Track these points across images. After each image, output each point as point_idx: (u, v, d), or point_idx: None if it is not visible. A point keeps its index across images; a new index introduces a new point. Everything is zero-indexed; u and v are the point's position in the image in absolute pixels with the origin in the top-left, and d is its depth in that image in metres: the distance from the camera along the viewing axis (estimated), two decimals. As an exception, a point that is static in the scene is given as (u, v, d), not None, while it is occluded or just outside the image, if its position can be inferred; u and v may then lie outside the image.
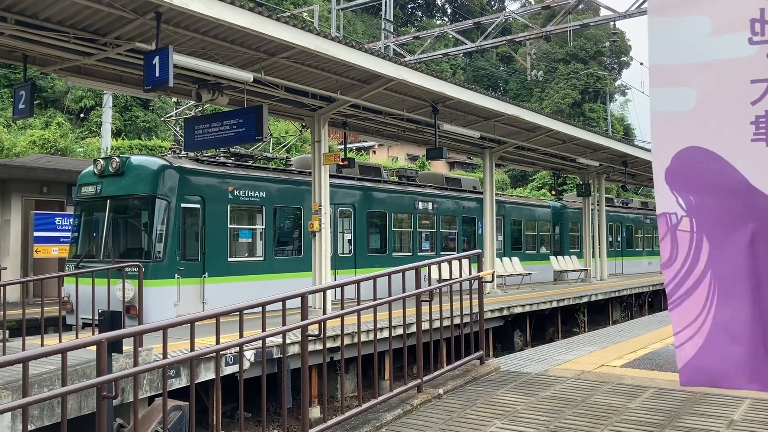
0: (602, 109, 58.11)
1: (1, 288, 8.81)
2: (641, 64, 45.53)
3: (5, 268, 10.14)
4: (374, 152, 47.24)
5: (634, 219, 31.91)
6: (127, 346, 6.77)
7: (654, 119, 3.02)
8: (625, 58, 64.73)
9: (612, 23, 24.38)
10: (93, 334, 7.53)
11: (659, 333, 10.56)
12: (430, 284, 6.57)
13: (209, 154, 15.67)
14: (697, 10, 2.93)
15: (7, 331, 9.08)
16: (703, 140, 2.90)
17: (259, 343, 4.77)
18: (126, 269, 9.22)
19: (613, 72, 63.08)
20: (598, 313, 20.16)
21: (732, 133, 2.83)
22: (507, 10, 24.30)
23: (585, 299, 18.73)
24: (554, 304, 17.23)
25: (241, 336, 4.54)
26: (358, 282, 5.60)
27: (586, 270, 24.48)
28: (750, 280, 2.84)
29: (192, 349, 4.32)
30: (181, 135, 16.55)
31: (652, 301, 23.90)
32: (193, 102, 16.05)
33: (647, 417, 5.39)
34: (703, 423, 5.21)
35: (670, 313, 3.02)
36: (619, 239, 30.39)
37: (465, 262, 7.96)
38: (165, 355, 4.22)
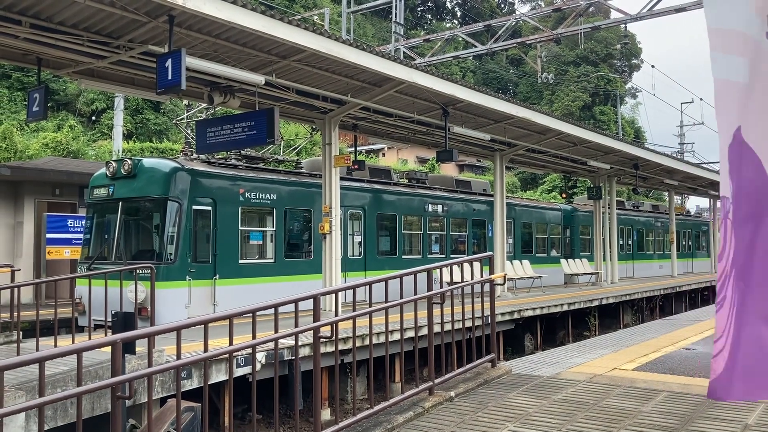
0: (613, 111, 57.89)
1: (15, 289, 8.89)
2: (652, 66, 45.23)
3: (18, 270, 10.20)
4: (384, 155, 47.26)
5: (645, 222, 31.75)
6: (139, 347, 6.81)
7: (717, 87, 2.71)
8: (635, 61, 64.49)
9: (623, 26, 24.30)
10: (105, 335, 7.57)
11: (672, 336, 10.50)
12: (441, 287, 6.56)
13: (220, 156, 15.73)
14: None
15: (21, 332, 9.14)
16: (748, 128, 2.65)
17: (271, 345, 4.78)
18: (138, 271, 9.28)
19: (623, 75, 62.85)
20: (609, 316, 20.07)
21: (763, 123, 2.63)
22: (517, 12, 24.27)
23: (596, 303, 18.65)
24: (565, 308, 17.17)
25: (253, 337, 4.56)
26: (369, 284, 5.60)
27: (597, 273, 24.38)
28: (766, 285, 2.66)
29: (205, 350, 4.34)
30: (192, 137, 16.64)
31: (663, 304, 23.77)
32: (204, 104, 16.12)
33: (660, 421, 5.36)
34: (717, 427, 5.18)
35: (716, 316, 2.75)
36: (630, 242, 30.26)
37: (476, 264, 7.95)
38: (179, 356, 4.23)
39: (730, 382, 2.66)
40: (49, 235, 16.82)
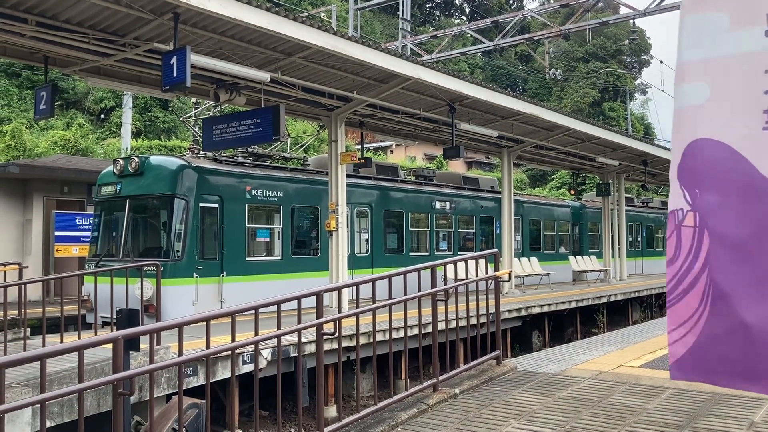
0: (622, 108, 57.61)
1: (23, 286, 8.94)
2: (661, 62, 45.18)
3: (26, 267, 10.27)
4: (391, 152, 47.23)
5: (654, 219, 31.59)
6: (145, 344, 6.82)
7: (674, 117, 2.99)
8: (645, 57, 64.09)
9: (631, 21, 24.18)
10: (111, 332, 7.60)
11: (679, 333, 10.42)
12: (446, 284, 6.54)
13: (227, 154, 15.76)
14: (718, 7, 2.91)
15: (29, 329, 9.20)
16: (712, 131, 2.86)
17: (274, 342, 4.79)
18: (145, 268, 9.31)
19: (633, 71, 62.52)
20: (618, 313, 19.99)
21: (743, 123, 2.79)
22: (525, 8, 24.20)
23: (604, 300, 18.58)
24: (573, 305, 17.11)
25: (256, 334, 4.56)
26: (373, 281, 5.59)
27: (606, 270, 24.28)
28: (751, 275, 2.78)
29: (207, 346, 4.34)
30: (199, 135, 16.66)
31: (673, 301, 23.60)
32: (211, 102, 16.15)
33: (665, 418, 5.33)
34: (723, 424, 5.14)
35: (667, 312, 2.99)
36: (639, 239, 30.11)
37: (482, 261, 7.92)
38: (181, 353, 4.24)
39: (696, 364, 2.92)
40: (57, 233, 16.91)
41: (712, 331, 2.85)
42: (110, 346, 3.86)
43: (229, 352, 4.38)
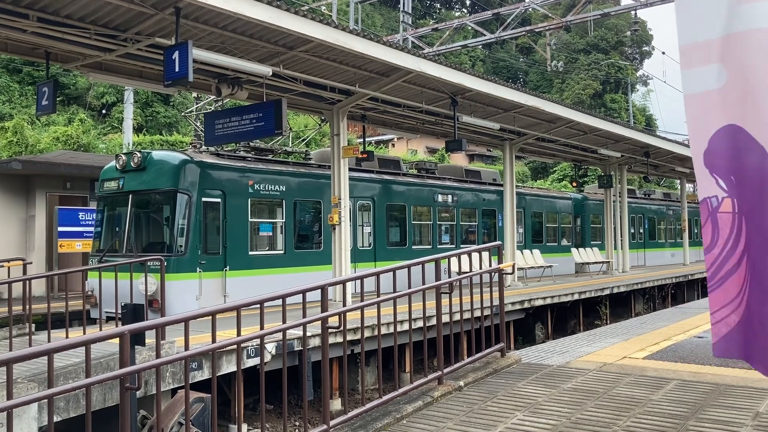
0: (624, 99, 57.47)
1: (27, 282, 8.96)
2: (663, 53, 45.07)
3: (30, 263, 10.28)
4: (393, 145, 47.19)
5: (656, 210, 31.56)
6: (150, 339, 6.85)
7: (687, 103, 2.93)
8: (646, 48, 63.92)
9: (633, 12, 24.10)
10: (116, 327, 7.62)
11: (682, 325, 10.45)
12: (450, 277, 6.55)
13: (230, 148, 15.75)
14: None
15: (33, 325, 9.22)
16: (737, 118, 2.80)
17: (279, 336, 4.80)
18: (148, 263, 9.32)
19: (634, 62, 62.36)
20: (621, 305, 20.00)
21: (762, 110, 2.73)
22: (526, 0, 24.10)
23: (607, 291, 18.59)
24: (576, 297, 17.12)
25: (261, 328, 4.57)
26: (377, 274, 5.59)
27: (608, 262, 24.28)
28: None
29: (213, 340, 4.35)
30: (201, 130, 16.66)
31: (675, 293, 23.65)
32: (213, 97, 16.14)
33: (670, 409, 5.34)
34: (728, 415, 5.15)
35: (709, 295, 3.00)
36: (641, 231, 30.09)
37: (485, 254, 7.93)
38: (187, 347, 4.25)
39: (739, 342, 2.96)
40: (60, 229, 16.93)
41: (753, 311, 2.87)
42: (116, 341, 3.87)
43: (235, 347, 4.38)
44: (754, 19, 2.71)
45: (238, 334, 4.44)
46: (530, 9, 25.38)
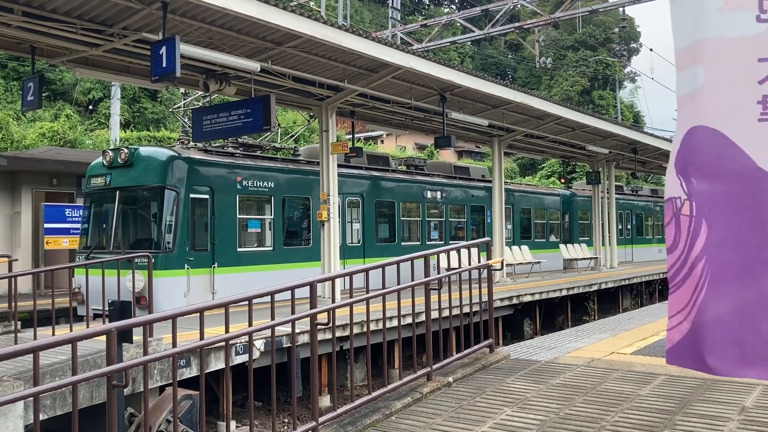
0: (611, 96, 57.72)
1: (13, 279, 8.88)
2: (651, 50, 45.13)
3: (16, 260, 10.19)
4: (382, 141, 47.12)
5: (644, 206, 31.74)
6: (138, 336, 6.80)
7: (680, 104, 2.97)
8: (634, 45, 64.20)
9: (621, 9, 24.17)
10: (104, 324, 7.57)
11: (670, 320, 10.49)
12: (439, 273, 6.55)
13: (218, 144, 15.67)
14: None
15: (19, 322, 9.14)
16: (707, 119, 2.84)
17: (268, 332, 4.78)
18: (136, 260, 9.26)
19: (622, 59, 62.62)
20: (609, 301, 20.10)
21: (739, 113, 2.77)
22: (515, -3, 24.08)
23: (595, 287, 18.68)
24: (564, 293, 17.19)
25: (250, 325, 4.54)
26: (366, 270, 5.59)
27: (596, 258, 24.40)
28: (746, 264, 2.80)
29: (201, 338, 4.32)
30: (189, 126, 16.56)
31: (663, 289, 23.79)
32: (200, 92, 16.04)
33: (658, 404, 5.37)
34: (715, 409, 5.18)
35: (668, 298, 3.00)
36: (629, 227, 30.25)
37: (474, 250, 7.93)
38: (174, 344, 4.22)
39: (689, 350, 2.95)
40: (47, 225, 16.80)
41: (704, 318, 2.86)
42: (103, 338, 3.83)
43: (223, 343, 4.36)
44: (737, 27, 2.79)
45: (227, 330, 4.42)
46: (519, 6, 25.40)
